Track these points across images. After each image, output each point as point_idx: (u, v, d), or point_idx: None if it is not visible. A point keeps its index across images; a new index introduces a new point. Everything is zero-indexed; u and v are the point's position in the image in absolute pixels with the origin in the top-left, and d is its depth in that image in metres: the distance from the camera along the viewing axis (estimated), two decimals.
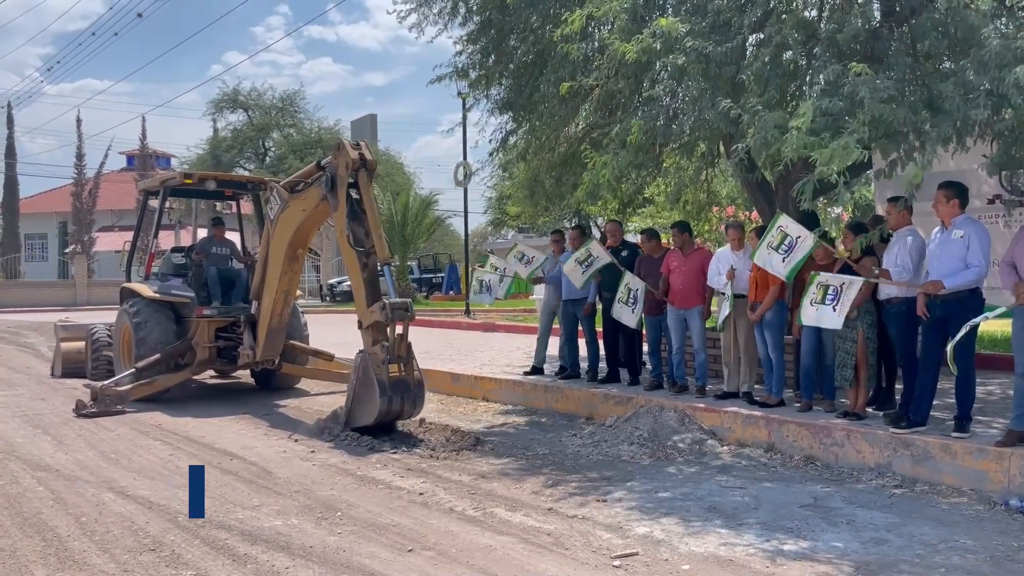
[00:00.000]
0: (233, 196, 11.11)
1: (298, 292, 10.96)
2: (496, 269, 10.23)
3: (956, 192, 5.83)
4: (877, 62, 5.69)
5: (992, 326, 6.80)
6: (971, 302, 5.73)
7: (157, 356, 9.38)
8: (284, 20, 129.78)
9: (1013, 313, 5.45)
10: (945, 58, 5.64)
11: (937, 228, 5.99)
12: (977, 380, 6.13)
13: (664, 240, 10.19)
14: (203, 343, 9.56)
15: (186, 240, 12.74)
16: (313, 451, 6.90)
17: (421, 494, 5.56)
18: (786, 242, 6.38)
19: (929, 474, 5.61)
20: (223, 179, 11.04)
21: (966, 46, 5.22)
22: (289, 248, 8.62)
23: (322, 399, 9.64)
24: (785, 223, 6.42)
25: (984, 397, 7.37)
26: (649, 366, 8.65)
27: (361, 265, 7.52)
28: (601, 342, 9.05)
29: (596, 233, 26.06)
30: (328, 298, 31.75)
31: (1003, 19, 5.26)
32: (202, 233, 11.43)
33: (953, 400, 5.87)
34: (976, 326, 5.44)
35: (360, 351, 7.34)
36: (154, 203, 10.80)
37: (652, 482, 5.83)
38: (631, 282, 8.13)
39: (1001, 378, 8.20)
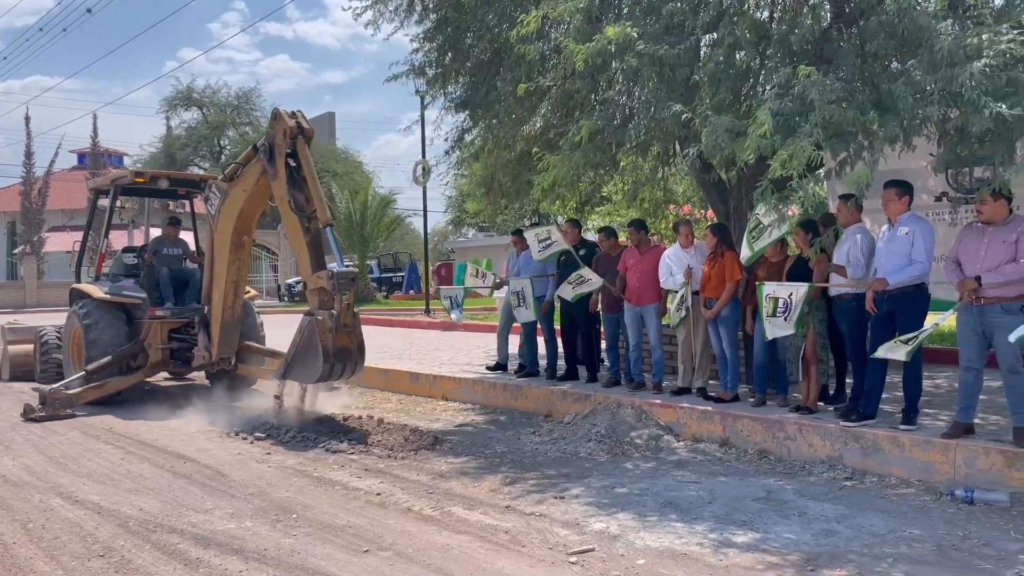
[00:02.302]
0: (187, 195, 10.92)
1: (254, 292, 10.85)
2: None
3: (903, 190, 5.98)
4: (827, 63, 5.79)
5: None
6: (917, 297, 5.89)
7: (108, 358, 9.19)
8: (240, 16, 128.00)
9: (957, 309, 5.59)
10: (893, 59, 5.75)
11: (885, 225, 6.13)
12: (924, 374, 6.29)
13: (622, 238, 10.27)
14: (156, 345, 9.39)
15: (139, 240, 12.49)
16: (269, 453, 6.82)
17: (378, 494, 5.52)
18: (757, 229, 6.45)
19: (878, 466, 5.73)
20: (176, 177, 10.84)
21: (914, 46, 5.33)
22: (234, 234, 8.52)
23: (278, 400, 9.50)
24: (762, 211, 6.44)
25: (931, 390, 7.56)
26: (607, 363, 8.71)
27: (304, 229, 7.57)
28: (560, 340, 9.09)
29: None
30: (286, 298, 31.40)
31: (951, 20, 5.38)
32: (155, 233, 11.22)
33: (901, 393, 6.01)
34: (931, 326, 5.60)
35: (307, 313, 7.49)
36: (104, 202, 10.56)
37: (609, 478, 5.87)
38: (585, 273, 8.16)
39: (948, 371, 8.40)
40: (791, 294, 6.23)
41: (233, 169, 8.47)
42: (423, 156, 20.55)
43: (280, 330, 12.12)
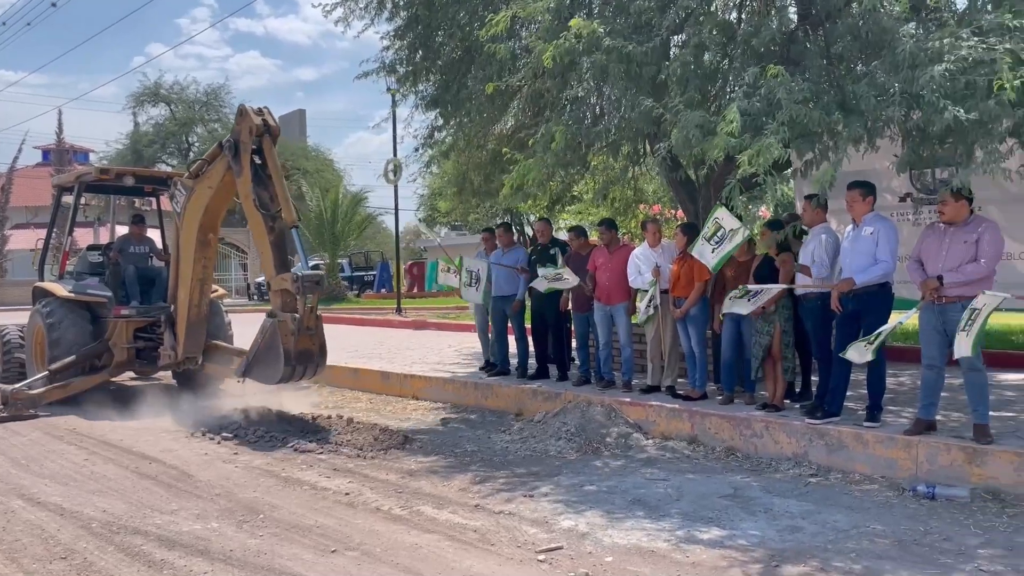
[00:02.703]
0: (153, 192, 10.76)
1: (222, 291, 10.73)
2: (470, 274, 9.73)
3: (870, 190, 6.07)
4: (793, 64, 5.86)
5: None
6: (881, 296, 5.98)
7: (72, 358, 9.04)
8: (210, 12, 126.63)
9: (920, 308, 5.68)
10: (858, 60, 5.84)
11: (850, 226, 6.22)
12: (888, 371, 6.39)
13: (593, 238, 10.31)
14: (121, 344, 9.25)
15: (105, 238, 12.31)
16: (236, 453, 6.76)
17: (347, 494, 5.50)
18: (719, 234, 6.51)
19: (843, 463, 5.81)
20: (141, 175, 10.67)
21: (878, 48, 5.42)
22: (200, 232, 8.41)
23: (249, 400, 9.41)
24: (722, 215, 6.49)
25: (895, 388, 7.68)
26: (577, 362, 8.74)
27: (267, 228, 7.49)
28: (530, 339, 9.10)
29: (528, 231, 26.20)
30: (256, 297, 31.10)
31: (913, 23, 5.47)
32: (121, 230, 11.06)
33: (866, 391, 6.10)
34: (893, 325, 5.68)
35: (269, 314, 7.45)
36: (69, 199, 10.39)
37: (579, 476, 5.89)
38: (564, 272, 8.16)
39: (912, 369, 8.53)
40: (763, 290, 6.31)
41: (199, 166, 8.37)
42: (394, 154, 20.46)
43: (249, 329, 11.99)
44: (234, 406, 8.18)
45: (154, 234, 10.88)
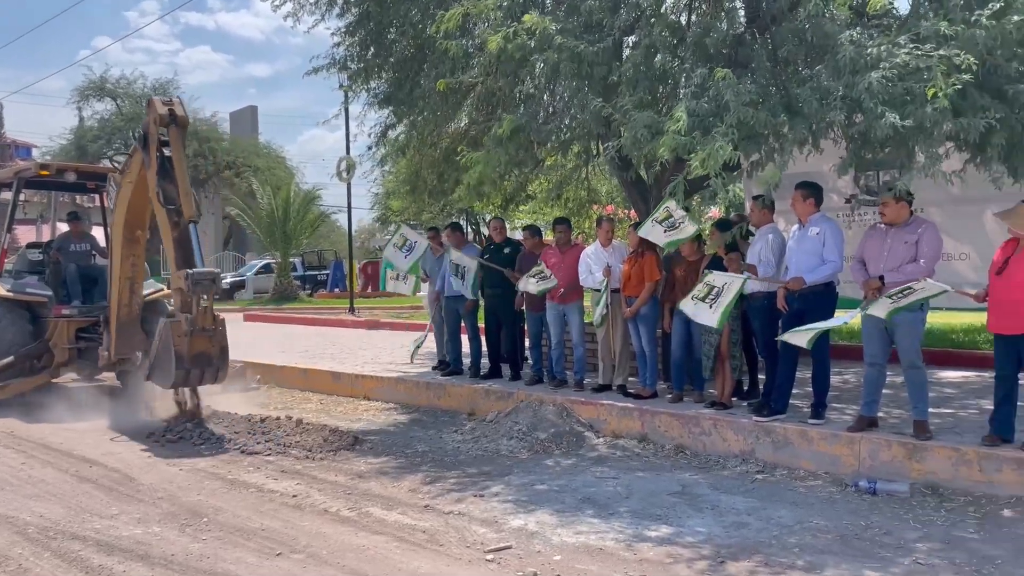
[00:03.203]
0: (96, 189, 10.49)
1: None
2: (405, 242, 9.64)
3: (812, 191, 6.18)
4: (742, 66, 5.93)
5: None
6: (826, 296, 6.09)
7: (10, 359, 8.76)
8: (159, 5, 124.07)
9: (860, 307, 5.79)
10: (802, 64, 5.93)
11: (796, 226, 6.33)
12: (833, 370, 6.51)
13: (547, 237, 10.34)
14: (62, 344, 9.00)
15: (48, 236, 11.96)
16: (181, 455, 6.62)
17: (294, 496, 5.42)
18: (669, 220, 6.52)
19: (788, 459, 5.91)
20: (84, 170, 10.40)
21: (822, 53, 5.52)
22: (126, 229, 8.21)
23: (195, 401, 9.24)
24: (672, 206, 6.50)
25: (840, 385, 7.84)
26: (531, 361, 8.74)
27: (172, 224, 7.31)
28: (483, 338, 9.09)
29: (484, 230, 26.15)
30: None
31: (857, 28, 5.57)
32: (64, 228, 10.76)
33: (811, 389, 6.21)
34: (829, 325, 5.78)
35: (164, 317, 7.33)
36: (7, 196, 10.07)
37: (529, 475, 5.89)
38: (545, 270, 8.08)
39: (856, 368, 8.71)
40: (725, 284, 6.26)
41: (125, 162, 8.22)
42: (347, 152, 20.28)
43: None
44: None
45: (98, 232, 10.61)
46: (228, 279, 31.02)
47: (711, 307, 6.23)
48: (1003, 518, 4.72)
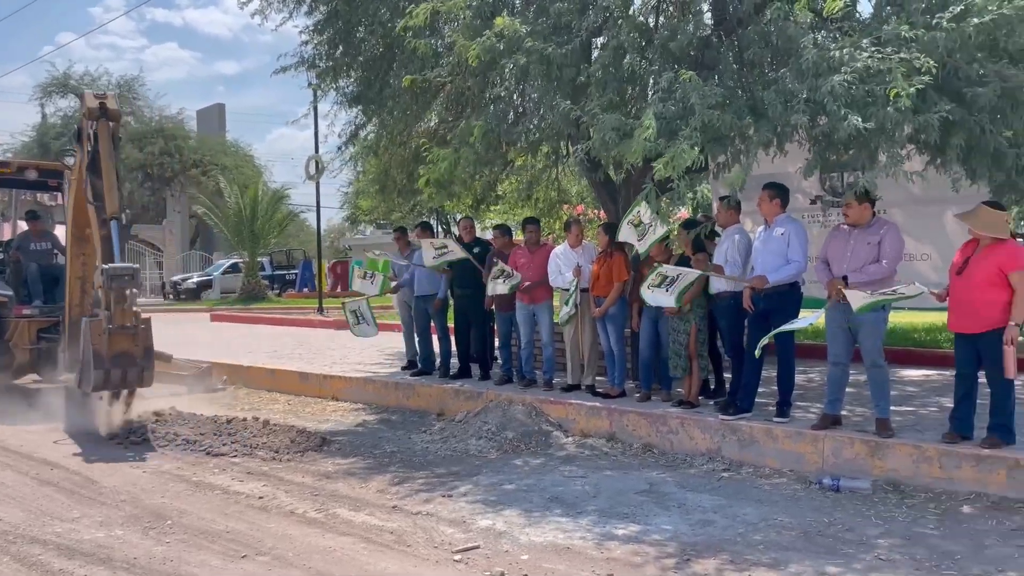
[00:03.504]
0: (58, 187, 10.31)
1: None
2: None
3: (778, 192, 6.26)
4: (708, 69, 5.99)
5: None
6: (791, 296, 6.17)
7: None
8: (125, 1, 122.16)
9: (826, 307, 5.89)
10: (768, 67, 6.00)
11: (762, 226, 6.40)
12: (798, 368, 6.59)
13: (518, 237, 10.33)
14: (22, 345, 8.84)
15: (9, 234, 11.72)
16: (144, 458, 6.53)
17: (260, 498, 5.37)
18: (641, 226, 6.57)
19: (754, 457, 5.98)
20: (45, 168, 10.22)
21: (786, 56, 5.58)
22: (75, 228, 8.06)
23: (158, 403, 9.11)
24: (642, 209, 6.53)
25: (804, 384, 7.94)
26: (500, 361, 8.75)
27: (100, 221, 7.15)
28: (453, 338, 9.07)
29: (454, 229, 26.10)
30: (172, 296, 30.17)
31: (820, 32, 5.65)
32: (24, 227, 10.55)
33: (777, 387, 6.29)
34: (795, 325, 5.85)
35: (86, 316, 7.13)
36: None
37: (498, 475, 5.90)
38: (507, 269, 8.10)
39: (821, 366, 8.82)
40: (679, 275, 6.33)
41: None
42: (316, 151, 20.12)
43: (167, 327, 11.61)
44: (144, 409, 7.88)
45: (60, 230, 10.43)
46: (195, 279, 30.70)
47: (667, 291, 6.30)
48: (962, 514, 4.81)
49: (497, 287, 8.04)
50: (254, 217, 25.61)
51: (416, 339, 9.38)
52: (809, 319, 5.94)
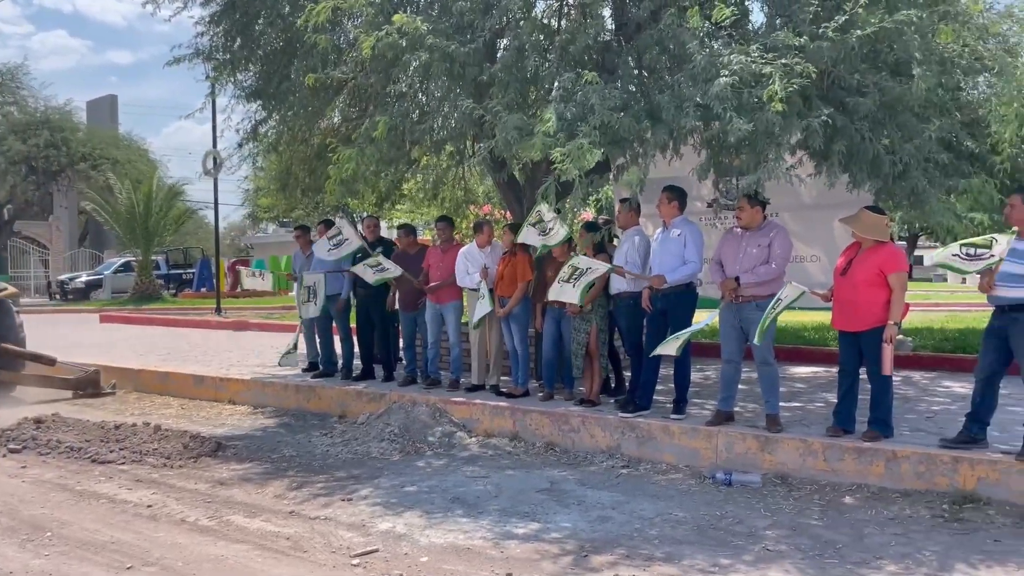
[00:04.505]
0: None
1: (12, 289, 9.80)
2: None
3: (676, 195, 6.43)
4: (608, 72, 6.10)
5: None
6: (687, 296, 6.35)
7: None
8: None
9: (719, 307, 6.08)
10: (665, 72, 6.15)
11: (660, 228, 6.56)
12: (694, 367, 6.79)
13: (425, 237, 10.27)
14: None
15: None
16: (24, 466, 6.18)
17: (149, 506, 5.16)
18: (541, 225, 6.60)
19: (652, 454, 6.12)
20: None
21: (681, 61, 5.74)
22: None
23: (40, 408, 8.64)
24: (544, 210, 6.57)
25: (700, 382, 8.18)
26: (404, 362, 8.67)
27: None
28: (355, 339, 8.94)
29: (359, 228, 25.75)
30: (58, 296, 28.64)
31: (715, 40, 5.83)
32: None
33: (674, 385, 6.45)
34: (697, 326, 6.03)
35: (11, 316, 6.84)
36: None
37: (400, 477, 5.84)
38: (383, 262, 8.00)
39: (716, 364, 9.11)
40: (589, 268, 6.40)
41: None
42: (215, 146, 19.48)
43: (52, 329, 11.07)
44: (25, 415, 7.47)
45: None
46: (84, 278, 29.24)
47: (573, 286, 6.38)
48: (844, 505, 5.05)
49: (366, 273, 7.98)
50: (148, 214, 24.56)
51: (317, 340, 9.21)
52: (705, 320, 6.13)
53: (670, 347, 5.86)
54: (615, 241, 7.13)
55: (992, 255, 5.17)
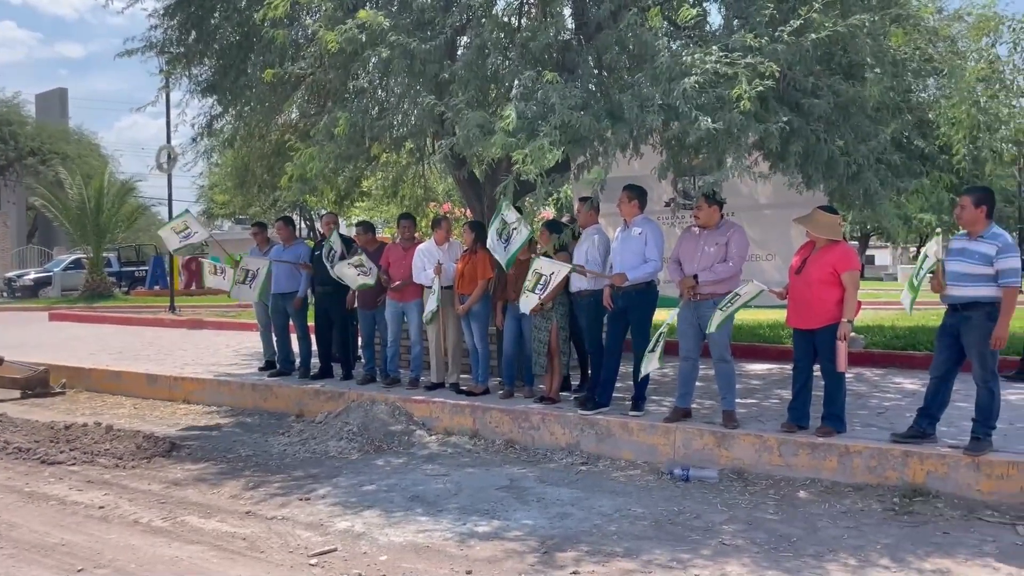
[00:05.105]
0: None
1: None
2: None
3: (636, 194, 6.48)
4: (569, 71, 6.11)
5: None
6: (648, 294, 6.41)
7: None
8: None
9: (678, 305, 6.15)
10: (625, 71, 6.19)
11: (620, 227, 6.60)
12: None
13: (385, 235, 10.20)
14: None
15: None
16: None
17: (101, 507, 5.05)
18: (506, 231, 6.61)
19: (611, 450, 6.16)
20: None
21: (642, 61, 5.78)
22: None
23: None
24: (507, 212, 6.56)
25: (659, 379, 8.25)
26: (363, 360, 8.60)
27: None
28: (313, 337, 8.85)
29: (318, 225, 25.48)
30: (5, 294, 27.86)
31: (675, 40, 5.88)
32: None
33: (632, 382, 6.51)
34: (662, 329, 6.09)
35: None
36: None
37: (359, 476, 5.80)
38: (366, 261, 7.91)
39: (675, 361, 9.20)
40: (553, 273, 6.40)
41: None
42: (168, 141, 19.12)
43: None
44: None
45: None
46: (32, 275, 28.50)
47: (539, 297, 6.39)
48: (799, 499, 5.14)
49: (345, 271, 7.88)
50: (99, 210, 23.99)
51: (274, 339, 9.09)
52: (667, 320, 6.16)
53: (652, 363, 5.91)
54: (576, 240, 7.14)
55: (929, 257, 5.29)
